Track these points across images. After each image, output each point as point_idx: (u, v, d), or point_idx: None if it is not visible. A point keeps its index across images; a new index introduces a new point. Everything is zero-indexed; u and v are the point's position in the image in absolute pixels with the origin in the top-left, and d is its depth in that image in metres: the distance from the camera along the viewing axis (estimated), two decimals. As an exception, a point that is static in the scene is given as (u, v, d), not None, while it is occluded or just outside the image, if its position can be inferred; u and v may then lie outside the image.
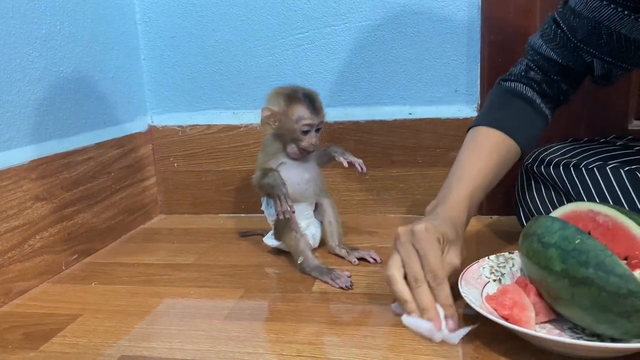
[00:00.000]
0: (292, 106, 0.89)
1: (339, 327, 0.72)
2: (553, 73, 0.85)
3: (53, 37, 0.98)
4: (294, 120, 0.89)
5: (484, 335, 0.66)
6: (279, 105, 0.90)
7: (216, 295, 0.85)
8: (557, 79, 0.86)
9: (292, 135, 0.91)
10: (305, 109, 0.89)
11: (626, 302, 0.55)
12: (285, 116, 0.90)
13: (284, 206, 0.87)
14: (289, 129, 0.90)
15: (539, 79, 0.87)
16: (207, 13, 1.22)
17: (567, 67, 0.84)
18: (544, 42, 0.85)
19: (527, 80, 0.88)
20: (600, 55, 0.80)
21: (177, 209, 1.32)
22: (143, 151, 1.26)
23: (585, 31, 0.78)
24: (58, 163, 0.98)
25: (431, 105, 1.16)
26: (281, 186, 0.88)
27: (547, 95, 0.87)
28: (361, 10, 1.15)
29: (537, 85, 0.87)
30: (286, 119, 0.90)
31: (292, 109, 0.89)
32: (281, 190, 0.88)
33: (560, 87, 0.87)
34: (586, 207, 0.66)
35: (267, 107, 0.91)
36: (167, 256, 1.04)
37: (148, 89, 1.29)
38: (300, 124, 0.89)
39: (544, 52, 0.85)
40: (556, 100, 0.89)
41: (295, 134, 0.90)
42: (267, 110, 0.90)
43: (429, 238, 0.67)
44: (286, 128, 0.90)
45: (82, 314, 0.80)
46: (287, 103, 0.90)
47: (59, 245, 0.98)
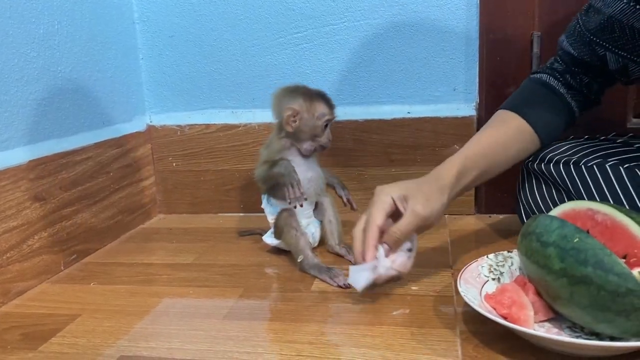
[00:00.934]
0: (314, 103, 0.91)
1: (338, 326, 0.72)
2: (572, 65, 0.89)
3: (51, 36, 0.98)
4: (316, 117, 0.91)
5: (483, 335, 0.66)
6: (300, 104, 0.91)
7: (215, 294, 0.85)
8: (577, 71, 0.89)
9: (313, 132, 0.92)
10: (325, 106, 0.92)
11: (625, 301, 0.55)
12: (307, 113, 0.91)
13: (296, 192, 0.87)
14: (310, 126, 0.92)
15: (562, 69, 0.91)
16: (205, 12, 1.22)
17: (582, 61, 0.87)
18: (566, 37, 0.89)
19: (551, 72, 0.92)
20: (613, 48, 0.81)
21: (176, 209, 1.32)
22: (142, 151, 1.26)
23: (598, 24, 0.81)
24: (56, 163, 0.98)
25: (430, 104, 1.16)
26: (293, 173, 0.89)
27: (571, 86, 0.90)
28: (359, 9, 1.15)
29: (561, 75, 0.90)
30: (308, 117, 0.91)
31: (314, 106, 0.91)
32: (293, 177, 0.89)
33: (582, 80, 0.90)
34: (585, 206, 0.66)
35: (290, 106, 0.91)
36: (166, 256, 1.04)
37: (146, 88, 1.29)
38: (323, 120, 0.91)
39: (565, 46, 0.89)
40: (582, 94, 0.91)
41: (317, 130, 0.92)
42: (290, 110, 0.91)
43: (377, 199, 0.77)
44: (308, 125, 0.92)
45: (81, 314, 0.80)
46: (307, 101, 0.91)
47: (58, 246, 0.98)
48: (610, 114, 1.08)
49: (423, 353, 0.64)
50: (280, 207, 0.95)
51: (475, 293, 0.70)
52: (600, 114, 1.05)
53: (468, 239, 1.05)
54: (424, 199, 0.76)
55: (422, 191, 0.77)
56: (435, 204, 0.77)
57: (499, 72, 1.12)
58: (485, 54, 1.12)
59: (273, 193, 0.96)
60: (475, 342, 0.65)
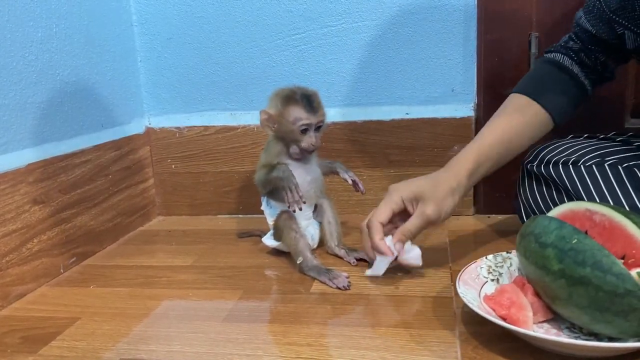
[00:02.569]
0: (288, 107, 0.89)
1: (338, 328, 0.72)
2: (589, 43, 0.88)
3: (49, 39, 0.98)
4: (290, 121, 0.89)
5: (482, 336, 0.66)
6: (276, 108, 0.90)
7: (215, 297, 0.85)
8: (594, 49, 0.88)
9: (291, 137, 0.91)
10: (302, 110, 0.89)
11: (623, 301, 0.55)
12: (282, 118, 0.90)
13: (295, 196, 0.87)
14: (287, 131, 0.90)
15: (577, 48, 0.90)
16: (203, 14, 1.22)
17: (600, 39, 0.86)
18: (584, 14, 0.88)
19: (565, 50, 0.91)
20: (632, 27, 0.81)
21: (175, 211, 1.32)
22: (141, 153, 1.26)
23: (619, 2, 0.80)
24: (56, 166, 0.98)
25: (428, 105, 1.17)
26: (291, 177, 0.89)
27: (586, 65, 0.89)
28: (358, 10, 1.15)
29: (575, 54, 0.89)
30: (283, 121, 0.90)
31: (288, 110, 0.89)
32: (291, 181, 0.89)
33: (598, 58, 0.89)
34: (583, 207, 0.66)
35: (265, 110, 0.91)
36: (165, 258, 1.04)
37: (145, 90, 1.29)
38: (298, 125, 0.89)
39: (582, 23, 0.88)
40: (596, 72, 0.90)
41: (294, 135, 0.90)
42: (265, 114, 0.91)
43: (387, 198, 0.81)
44: (284, 130, 0.91)
45: (81, 317, 0.80)
46: (283, 105, 0.90)
47: (57, 249, 0.98)
48: (608, 114, 1.08)
49: (422, 354, 0.64)
50: (279, 209, 0.95)
51: (475, 294, 0.70)
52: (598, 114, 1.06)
53: (467, 240, 1.05)
54: (435, 202, 0.78)
55: (435, 193, 0.79)
56: (446, 206, 0.79)
57: (497, 73, 1.12)
58: (483, 55, 1.12)
59: (272, 196, 0.96)
60: (475, 343, 0.65)
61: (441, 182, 0.80)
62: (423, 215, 0.79)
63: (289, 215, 0.94)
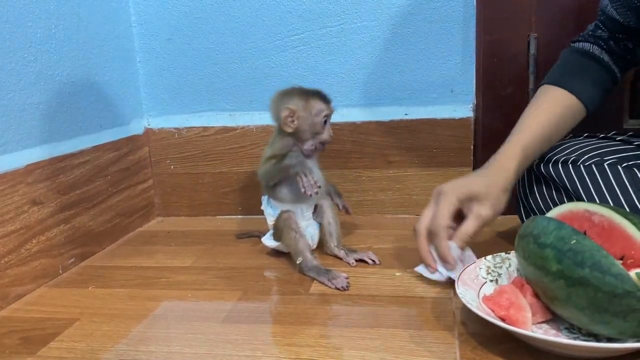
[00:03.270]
0: (310, 101, 0.92)
1: (337, 329, 0.72)
2: (617, 32, 0.88)
3: (48, 40, 0.98)
4: (314, 114, 0.91)
5: (481, 336, 0.66)
6: (296, 103, 0.91)
7: (214, 297, 0.85)
8: (622, 37, 0.88)
9: (314, 130, 0.92)
10: (321, 101, 0.92)
11: (622, 302, 0.55)
12: (305, 111, 0.91)
13: (310, 180, 0.87)
14: (310, 124, 0.92)
15: (606, 36, 0.89)
16: (202, 15, 1.22)
17: (628, 27, 0.85)
18: (610, 2, 0.86)
19: (594, 39, 0.90)
20: None
21: (174, 212, 1.32)
22: (140, 154, 1.26)
23: None
24: (54, 167, 0.98)
25: (427, 105, 1.17)
26: (304, 162, 0.90)
27: (614, 52, 0.89)
28: (356, 11, 1.15)
29: (604, 42, 0.89)
30: (307, 115, 0.91)
31: (310, 103, 0.92)
32: (305, 166, 0.89)
33: (627, 46, 0.88)
34: (582, 207, 0.66)
35: (286, 106, 0.91)
36: (164, 259, 1.04)
37: (144, 91, 1.29)
38: (321, 116, 0.92)
39: (608, 11, 0.87)
40: (624, 60, 0.90)
41: (317, 127, 0.92)
42: (287, 110, 0.91)
43: (443, 199, 0.79)
44: (307, 123, 0.92)
45: (80, 318, 0.80)
46: (303, 99, 0.92)
47: (56, 249, 0.97)
48: (607, 114, 1.08)
49: (421, 355, 0.64)
50: (280, 209, 0.95)
51: (474, 295, 0.70)
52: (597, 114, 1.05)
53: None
54: (491, 202, 0.78)
55: (488, 194, 0.78)
56: (499, 205, 0.79)
57: (496, 73, 1.12)
58: (482, 55, 1.12)
59: (274, 194, 0.96)
60: (474, 344, 0.65)
61: (493, 181, 0.79)
62: (480, 217, 0.77)
63: (289, 215, 0.94)
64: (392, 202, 1.21)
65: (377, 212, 1.22)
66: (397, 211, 1.21)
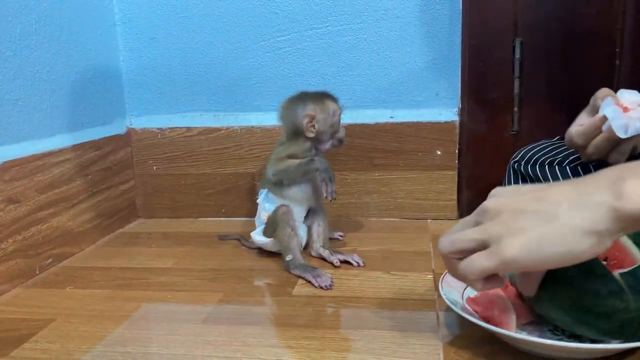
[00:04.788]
0: (325, 103, 0.94)
1: (319, 330, 0.71)
2: None
3: (28, 36, 0.96)
4: (331, 114, 0.94)
5: (465, 338, 0.66)
6: (313, 108, 0.93)
7: (194, 299, 0.83)
8: None
9: (333, 129, 0.95)
10: (332, 102, 0.96)
11: (606, 303, 0.55)
12: (323, 114, 0.93)
13: (334, 186, 0.91)
14: (330, 124, 0.95)
15: None
16: (187, 14, 1.21)
17: None
18: None
19: None
20: None
21: (156, 213, 1.30)
22: (121, 154, 1.24)
23: None
24: (32, 165, 0.96)
25: (412, 108, 1.17)
26: (329, 169, 0.92)
27: None
28: (343, 13, 1.15)
29: None
30: (325, 117, 0.94)
31: (326, 105, 0.94)
32: (331, 173, 0.92)
33: None
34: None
35: (306, 113, 0.93)
36: (145, 260, 1.02)
37: (127, 90, 1.27)
38: (337, 116, 0.95)
39: None
40: None
41: (336, 126, 0.96)
42: (307, 117, 0.93)
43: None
44: (327, 124, 0.94)
45: (56, 319, 0.78)
46: (319, 103, 0.94)
47: (33, 249, 0.95)
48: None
49: (405, 357, 0.63)
50: (276, 205, 0.95)
51: (458, 296, 0.69)
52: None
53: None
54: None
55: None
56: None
57: (481, 77, 1.12)
58: (467, 59, 1.12)
59: (279, 190, 0.96)
60: (458, 345, 0.65)
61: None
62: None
63: (287, 209, 0.94)
64: (377, 205, 1.21)
65: (362, 214, 1.22)
66: (382, 214, 1.21)
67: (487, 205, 0.56)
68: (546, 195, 0.52)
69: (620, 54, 1.05)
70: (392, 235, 1.10)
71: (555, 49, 1.08)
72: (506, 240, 0.51)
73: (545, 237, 0.49)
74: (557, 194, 0.51)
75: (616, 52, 1.06)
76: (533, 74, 1.10)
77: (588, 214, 0.48)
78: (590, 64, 1.07)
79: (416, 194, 1.19)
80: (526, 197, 0.53)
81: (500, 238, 0.52)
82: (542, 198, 0.51)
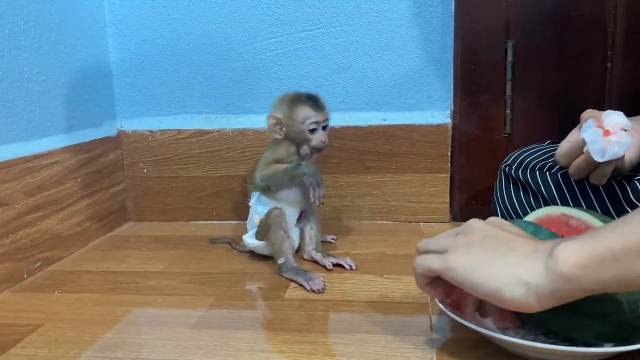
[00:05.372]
0: (296, 108, 0.91)
1: (311, 334, 0.70)
2: None
3: (17, 36, 0.95)
4: (299, 121, 0.91)
5: (458, 342, 0.66)
6: (283, 111, 0.92)
7: (185, 303, 0.82)
8: None
9: (301, 137, 0.92)
10: (309, 108, 0.91)
11: (599, 306, 0.54)
12: (290, 119, 0.91)
13: (322, 191, 0.89)
14: (297, 131, 0.91)
15: None
16: (178, 16, 1.20)
17: None
18: None
19: None
20: None
21: (147, 216, 1.29)
22: (112, 156, 1.23)
23: None
24: (21, 167, 0.95)
25: (405, 111, 1.16)
26: (318, 173, 0.90)
27: None
28: (335, 15, 1.15)
29: None
30: (292, 122, 0.91)
31: (296, 110, 0.91)
32: (319, 177, 0.90)
33: None
34: (559, 211, 0.66)
35: (272, 114, 0.92)
36: (135, 264, 1.01)
37: (117, 92, 1.26)
38: (307, 124, 0.91)
39: None
40: None
41: (304, 134, 0.91)
42: (272, 118, 0.92)
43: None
44: (294, 131, 0.92)
45: (44, 324, 0.76)
46: (290, 107, 0.92)
47: (21, 253, 0.94)
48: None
49: (397, 361, 0.62)
50: (269, 208, 0.94)
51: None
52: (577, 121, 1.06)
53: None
54: None
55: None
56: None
57: (474, 80, 1.12)
58: (459, 62, 1.12)
59: (270, 192, 0.95)
60: (451, 349, 0.64)
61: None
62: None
63: (280, 212, 0.93)
64: (370, 208, 1.20)
65: (355, 217, 1.21)
66: (374, 217, 1.20)
67: (471, 222, 0.60)
68: (514, 240, 0.55)
69: (612, 57, 1.06)
70: (385, 238, 1.09)
71: (547, 52, 1.09)
72: (458, 253, 0.56)
73: (486, 267, 0.54)
74: (521, 244, 0.54)
75: (608, 55, 1.06)
76: (525, 77, 1.10)
77: (528, 266, 0.51)
78: (582, 66, 1.08)
79: (409, 197, 1.18)
80: (501, 233, 0.57)
81: (456, 249, 0.57)
82: (510, 240, 0.55)
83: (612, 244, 0.47)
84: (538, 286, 0.50)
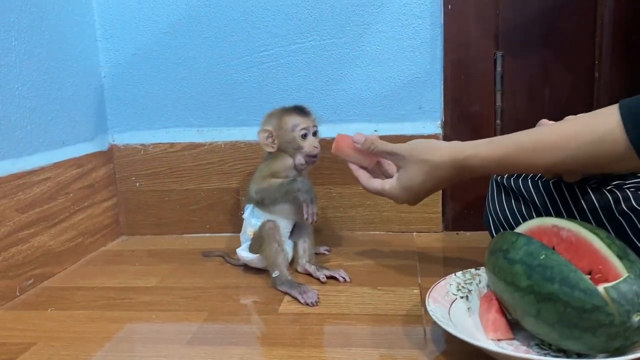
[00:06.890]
0: (284, 118, 0.94)
1: (306, 349, 0.70)
2: None
3: (7, 53, 0.95)
4: (289, 129, 0.93)
5: (452, 354, 0.66)
6: (272, 124, 0.94)
7: (179, 319, 0.82)
8: None
9: (294, 145, 0.94)
10: (297, 115, 0.94)
11: (591, 317, 0.55)
12: (280, 129, 0.93)
13: (314, 209, 0.90)
14: (288, 140, 0.93)
15: None
16: (169, 30, 1.20)
17: None
18: None
19: None
20: None
21: (140, 230, 1.28)
22: (104, 171, 1.23)
23: None
24: (13, 184, 0.94)
25: (396, 122, 1.17)
26: (312, 190, 0.92)
27: None
28: (325, 28, 1.15)
29: None
30: (282, 132, 0.93)
31: (285, 120, 0.94)
32: (313, 194, 0.91)
33: None
34: (550, 222, 0.67)
35: (263, 129, 0.94)
36: (128, 279, 1.00)
37: (109, 107, 1.26)
38: (297, 130, 0.93)
39: None
40: None
41: (295, 142, 0.93)
42: (264, 132, 0.94)
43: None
44: (286, 140, 0.93)
45: (37, 342, 0.76)
46: (279, 118, 0.94)
47: (13, 270, 0.93)
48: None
49: (392, 375, 0.63)
50: (262, 220, 0.95)
51: (444, 312, 0.69)
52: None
53: (436, 257, 1.05)
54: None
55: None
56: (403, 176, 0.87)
57: (463, 90, 1.13)
58: (449, 73, 1.13)
59: (264, 205, 0.95)
60: (445, 362, 0.64)
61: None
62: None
63: (274, 224, 0.93)
64: (363, 219, 1.21)
65: (348, 228, 1.22)
66: (367, 228, 1.21)
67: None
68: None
69: (599, 67, 1.07)
70: (378, 249, 1.10)
71: (535, 62, 1.10)
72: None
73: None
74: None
75: (595, 65, 1.08)
76: (514, 87, 1.11)
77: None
78: (570, 76, 1.09)
79: (401, 207, 1.19)
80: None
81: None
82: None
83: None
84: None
